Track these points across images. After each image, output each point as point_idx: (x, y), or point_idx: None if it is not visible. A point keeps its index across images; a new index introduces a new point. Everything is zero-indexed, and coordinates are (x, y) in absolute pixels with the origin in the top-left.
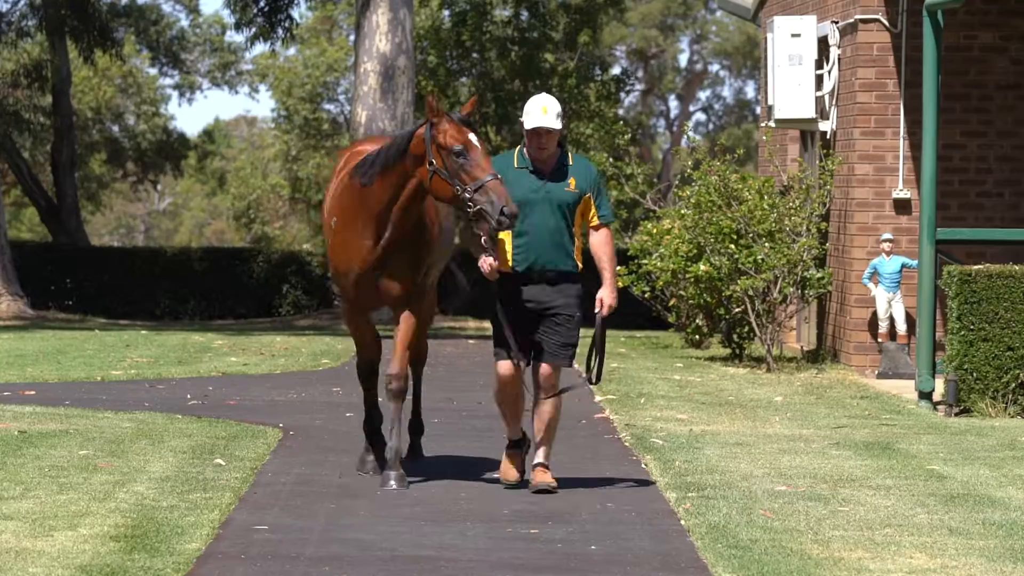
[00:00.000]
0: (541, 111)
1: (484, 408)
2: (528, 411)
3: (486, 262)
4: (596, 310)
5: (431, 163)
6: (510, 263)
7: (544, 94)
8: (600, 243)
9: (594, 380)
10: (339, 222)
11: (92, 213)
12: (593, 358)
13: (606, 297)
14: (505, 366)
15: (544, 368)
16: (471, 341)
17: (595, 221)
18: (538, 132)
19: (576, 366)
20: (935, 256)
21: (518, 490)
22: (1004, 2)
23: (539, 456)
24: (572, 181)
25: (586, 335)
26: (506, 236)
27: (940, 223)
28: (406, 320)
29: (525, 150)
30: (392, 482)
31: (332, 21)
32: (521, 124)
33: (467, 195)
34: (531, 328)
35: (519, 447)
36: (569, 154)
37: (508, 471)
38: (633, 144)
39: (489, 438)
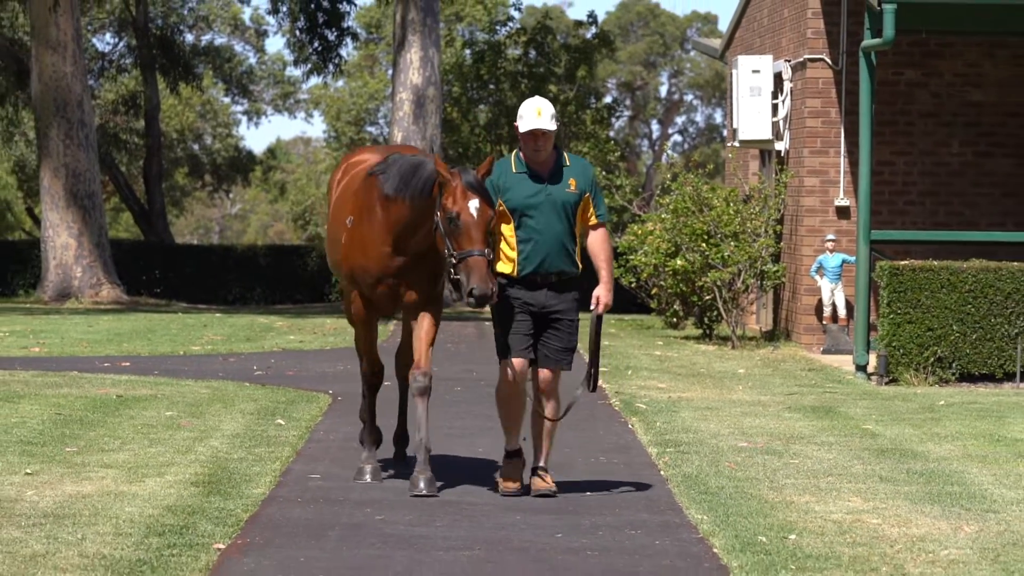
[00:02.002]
0: (535, 113)
1: None
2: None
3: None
4: (592, 307)
5: (437, 216)
6: (515, 266)
7: (537, 97)
8: (598, 242)
9: (591, 389)
10: (355, 221)
11: (176, 216)
12: (590, 368)
13: (602, 295)
14: (511, 363)
15: (544, 373)
16: (488, 323)
17: (593, 220)
18: (534, 134)
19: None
20: (869, 253)
21: (519, 498)
22: (925, 45)
23: (539, 460)
24: (572, 182)
25: (583, 332)
26: (509, 236)
27: (874, 226)
28: (425, 319)
29: (522, 154)
30: (422, 485)
31: (373, 58)
32: (516, 128)
33: (451, 260)
34: (533, 325)
35: (518, 456)
36: (565, 155)
37: (507, 481)
38: (622, 160)
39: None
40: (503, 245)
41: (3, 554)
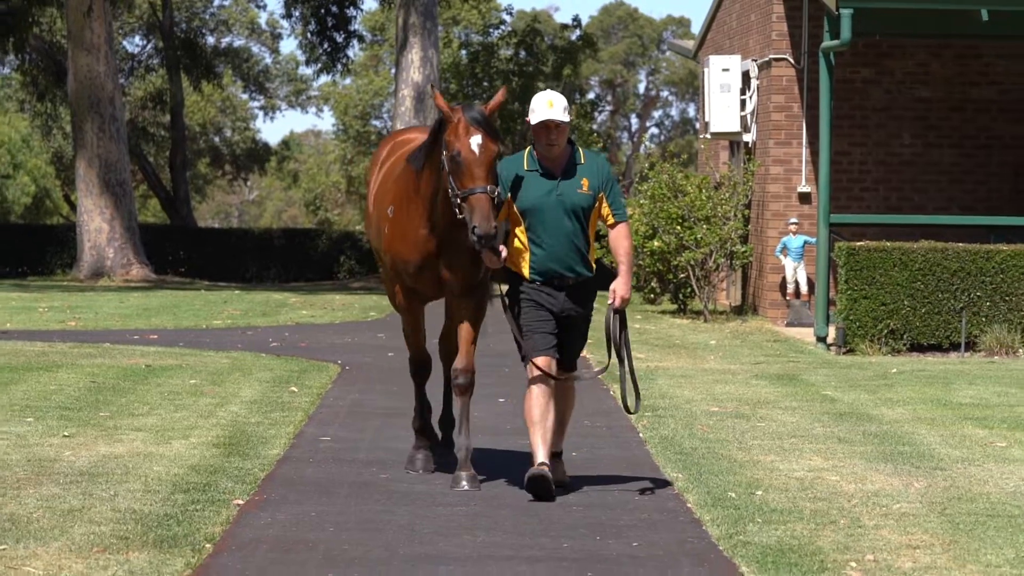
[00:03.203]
0: (547, 105)
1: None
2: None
3: (490, 260)
4: (609, 301)
5: (442, 158)
6: (526, 269)
7: (548, 90)
8: (618, 238)
9: (635, 409)
10: (396, 210)
11: (199, 202)
12: (612, 350)
13: (619, 289)
14: (539, 362)
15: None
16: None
17: (611, 220)
18: (547, 126)
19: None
20: (829, 235)
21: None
22: (878, 46)
23: (555, 446)
24: (585, 182)
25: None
26: (522, 237)
27: (832, 210)
28: (467, 311)
29: (535, 151)
30: (464, 483)
31: (378, 58)
32: (528, 123)
33: (456, 199)
34: (555, 328)
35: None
36: (580, 152)
37: (539, 492)
38: (604, 151)
39: (512, 378)
40: (516, 244)
41: (44, 508)
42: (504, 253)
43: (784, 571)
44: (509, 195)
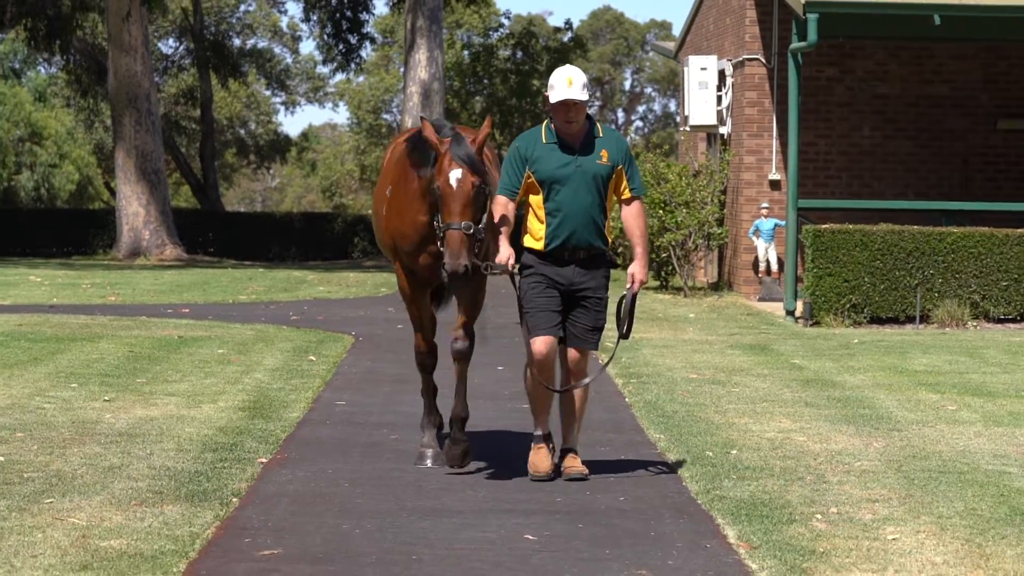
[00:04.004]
0: (567, 83)
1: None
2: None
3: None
4: (628, 285)
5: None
6: (542, 240)
7: (568, 66)
8: (633, 216)
9: (624, 335)
10: (393, 190)
11: (226, 189)
12: (623, 323)
13: (637, 272)
14: (541, 341)
15: (572, 353)
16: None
17: (627, 194)
18: (565, 104)
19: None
20: (797, 218)
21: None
22: (841, 47)
23: (568, 442)
24: (604, 153)
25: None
26: (538, 208)
27: (800, 196)
28: (468, 297)
29: (553, 125)
30: (449, 460)
31: (388, 58)
32: (546, 99)
33: (439, 232)
34: (562, 301)
35: (548, 440)
36: (598, 125)
37: (540, 463)
38: None
39: (511, 348)
40: (531, 217)
41: (87, 466)
42: (511, 259)
43: (756, 523)
44: (529, 168)
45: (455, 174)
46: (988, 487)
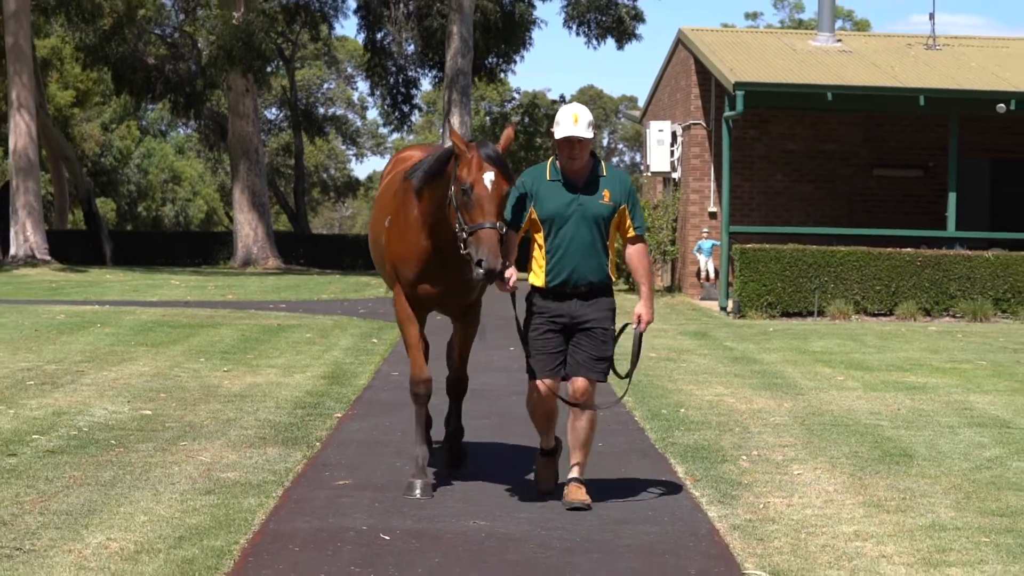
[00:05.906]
0: (572, 120)
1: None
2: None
3: (500, 286)
4: (635, 326)
5: (451, 191)
6: (543, 277)
7: (575, 104)
8: (637, 256)
9: (628, 373)
10: (392, 220)
11: (313, 217)
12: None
13: (644, 313)
14: (539, 386)
15: (579, 383)
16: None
17: (631, 233)
18: (570, 141)
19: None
20: (729, 240)
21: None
22: (761, 115)
23: (573, 472)
24: (607, 193)
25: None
26: (539, 245)
27: (731, 223)
28: (465, 329)
29: (557, 162)
30: (418, 490)
31: (431, 121)
32: (551, 135)
33: (463, 234)
34: (563, 341)
35: (553, 455)
36: (603, 164)
37: (544, 479)
38: None
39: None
40: (535, 253)
41: (210, 419)
42: (514, 279)
43: (699, 462)
44: (532, 205)
45: (489, 175)
46: (866, 436)
